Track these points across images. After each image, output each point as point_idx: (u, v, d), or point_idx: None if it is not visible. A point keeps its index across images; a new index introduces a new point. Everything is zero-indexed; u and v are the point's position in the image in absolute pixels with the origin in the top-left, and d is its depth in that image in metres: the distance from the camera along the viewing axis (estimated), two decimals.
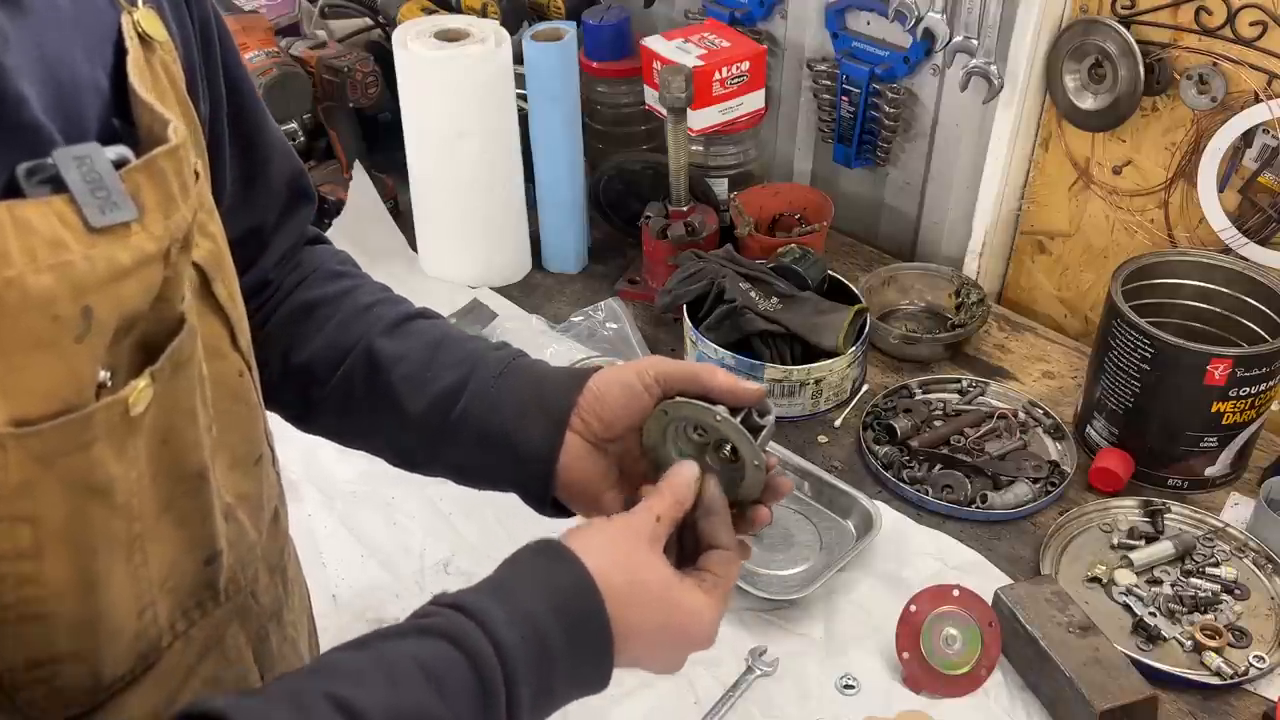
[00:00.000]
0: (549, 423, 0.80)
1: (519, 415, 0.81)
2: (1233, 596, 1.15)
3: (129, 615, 0.55)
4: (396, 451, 0.85)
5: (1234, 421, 1.22)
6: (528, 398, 0.81)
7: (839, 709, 1.06)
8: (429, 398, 0.81)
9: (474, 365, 0.82)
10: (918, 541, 1.22)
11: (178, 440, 0.56)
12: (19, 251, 0.44)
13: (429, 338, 0.84)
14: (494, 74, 1.49)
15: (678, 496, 0.73)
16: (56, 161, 0.47)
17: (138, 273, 0.49)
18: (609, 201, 1.68)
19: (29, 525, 0.48)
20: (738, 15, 1.71)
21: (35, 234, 0.45)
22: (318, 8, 1.91)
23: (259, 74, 1.49)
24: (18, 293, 0.44)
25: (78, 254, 0.46)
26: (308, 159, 1.78)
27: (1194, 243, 1.40)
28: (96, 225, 0.47)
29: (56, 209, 0.46)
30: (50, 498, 0.48)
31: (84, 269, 0.46)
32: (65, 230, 0.46)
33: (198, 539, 0.60)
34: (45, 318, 0.46)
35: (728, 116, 1.57)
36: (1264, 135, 1.29)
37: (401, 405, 0.81)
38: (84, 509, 0.50)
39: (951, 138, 1.58)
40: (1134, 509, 1.25)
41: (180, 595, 0.59)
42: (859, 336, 1.39)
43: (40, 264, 0.45)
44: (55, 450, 0.47)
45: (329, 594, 1.16)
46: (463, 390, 0.81)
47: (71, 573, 0.51)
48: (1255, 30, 1.26)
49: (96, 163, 0.48)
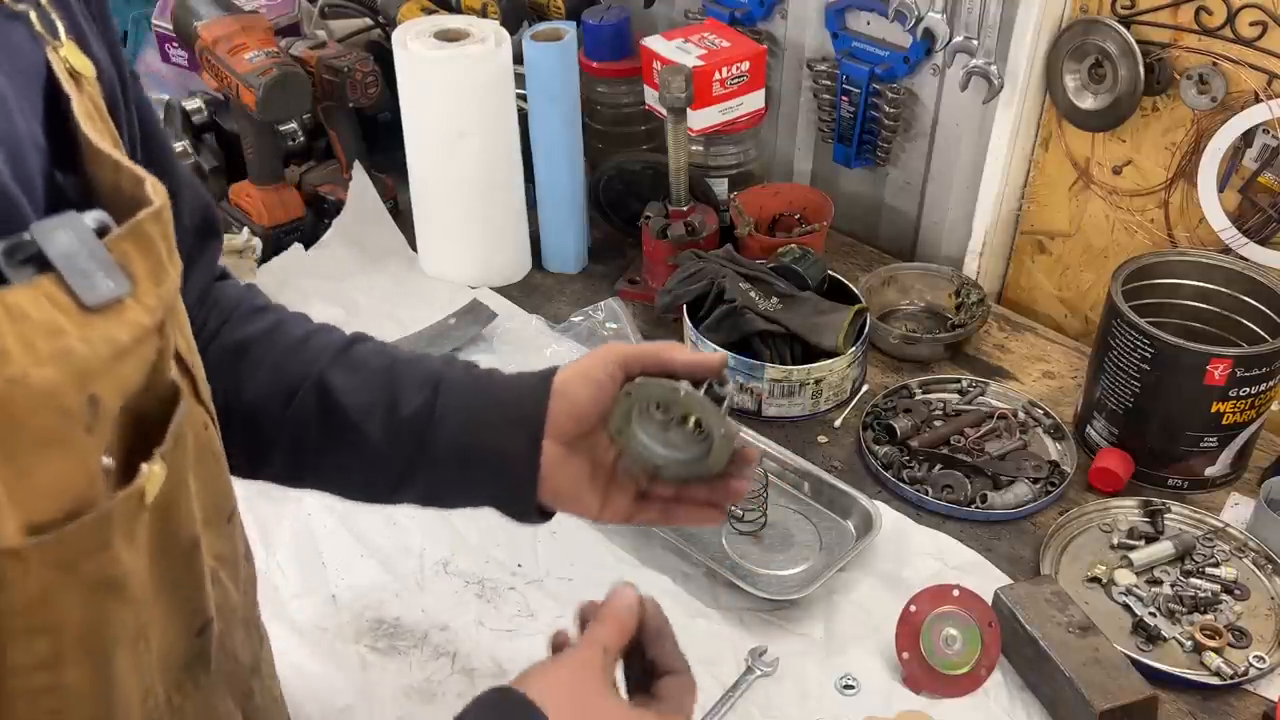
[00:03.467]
0: (526, 435, 0.79)
1: (495, 431, 0.80)
2: (1233, 596, 1.15)
3: (136, 705, 0.53)
4: (357, 485, 0.83)
5: (1234, 421, 1.22)
6: (499, 412, 0.81)
7: (839, 709, 1.06)
8: (394, 424, 0.79)
9: (436, 385, 0.81)
10: (918, 541, 1.22)
11: (175, 515, 0.53)
12: (17, 345, 0.40)
13: (380, 363, 0.82)
14: (494, 74, 1.49)
15: (621, 624, 0.73)
16: (36, 237, 0.42)
17: (136, 350, 0.46)
18: (609, 201, 1.68)
19: (48, 635, 0.45)
20: (738, 15, 1.71)
21: (30, 322, 0.41)
22: (318, 8, 1.91)
23: (259, 74, 1.49)
24: (22, 390, 0.41)
25: (76, 338, 0.42)
26: (308, 159, 1.78)
27: (1194, 243, 1.40)
28: (91, 304, 0.43)
29: (46, 291, 0.42)
30: (70, 602, 0.45)
31: (85, 354, 0.43)
32: (59, 314, 0.42)
33: (190, 611, 0.57)
34: (53, 413, 0.42)
35: (728, 116, 1.57)
36: (1264, 135, 1.29)
37: (363, 435, 0.79)
38: (101, 607, 0.47)
39: (951, 138, 1.58)
40: (1134, 509, 1.25)
41: (174, 671, 0.57)
42: (859, 336, 1.39)
43: (41, 355, 0.41)
44: (76, 553, 0.44)
45: (329, 594, 1.16)
46: (431, 412, 0.80)
47: (89, 675, 0.48)
48: (1255, 30, 1.26)
49: (80, 235, 0.43)
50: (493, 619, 1.14)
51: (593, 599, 0.75)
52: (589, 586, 1.17)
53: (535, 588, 1.17)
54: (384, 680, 1.08)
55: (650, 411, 0.81)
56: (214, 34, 1.53)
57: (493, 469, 0.80)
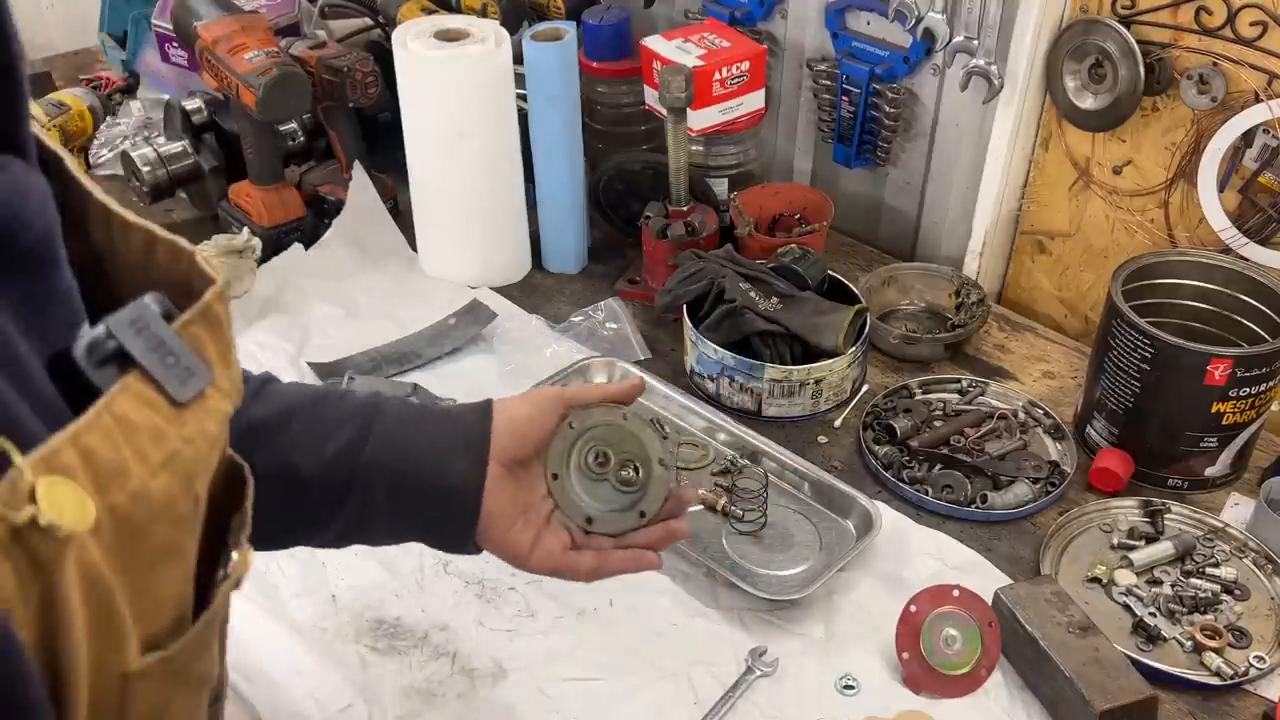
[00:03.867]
0: (471, 455, 0.78)
1: (436, 453, 0.78)
2: (1233, 597, 1.15)
3: None
4: (280, 525, 0.77)
5: (1234, 421, 1.22)
6: (441, 434, 0.79)
7: (839, 709, 1.06)
8: (326, 456, 0.76)
9: (370, 415, 0.79)
10: (917, 541, 1.22)
11: None
12: (133, 457, 0.37)
13: (302, 396, 0.80)
14: (494, 74, 1.49)
15: None
16: (115, 333, 0.39)
17: (220, 439, 0.43)
18: (609, 201, 1.68)
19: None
20: (738, 15, 1.71)
21: (136, 430, 0.38)
22: (318, 8, 1.91)
23: (259, 74, 1.49)
24: (144, 505, 0.38)
25: (178, 440, 0.39)
26: (308, 159, 1.78)
27: (1194, 243, 1.40)
28: (181, 400, 0.40)
29: (138, 392, 0.39)
30: (180, 708, 0.43)
31: (190, 455, 0.40)
32: (156, 415, 0.39)
33: (213, 679, 0.55)
34: (170, 523, 0.40)
35: (728, 116, 1.57)
36: (1264, 135, 1.29)
37: (292, 471, 0.75)
38: (198, 703, 0.45)
39: (951, 138, 1.58)
40: (1134, 509, 1.25)
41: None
42: (859, 336, 1.39)
43: (153, 465, 0.38)
44: (189, 661, 0.42)
45: (329, 594, 1.16)
46: (365, 440, 0.77)
47: None
48: (1255, 30, 1.26)
49: (153, 325, 0.40)
50: (493, 619, 1.14)
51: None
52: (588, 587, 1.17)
53: (535, 588, 1.17)
54: (384, 680, 1.08)
55: (586, 465, 0.85)
56: (214, 34, 1.53)
57: (432, 490, 0.78)
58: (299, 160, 1.77)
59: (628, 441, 0.86)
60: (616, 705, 1.06)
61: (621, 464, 0.85)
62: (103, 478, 0.36)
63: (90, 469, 0.36)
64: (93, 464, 0.36)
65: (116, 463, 0.37)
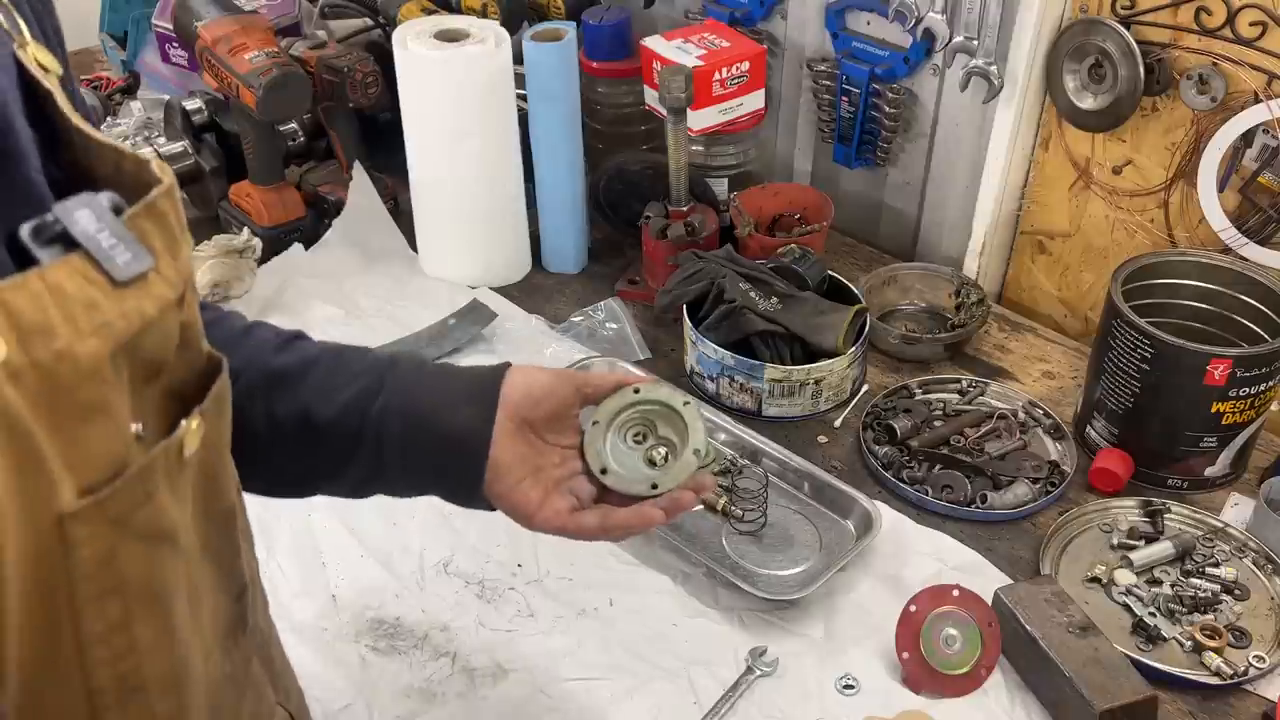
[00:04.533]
0: (481, 404, 0.82)
1: (448, 402, 0.82)
2: (1233, 596, 1.15)
3: (200, 664, 0.55)
4: (300, 471, 0.83)
5: (1234, 421, 1.22)
6: (453, 385, 0.84)
7: (839, 709, 1.06)
8: (340, 404, 0.80)
9: (386, 368, 0.83)
10: (917, 541, 1.22)
11: (215, 479, 0.56)
12: (61, 320, 0.42)
13: (326, 350, 0.84)
14: (494, 74, 1.49)
15: None
16: (60, 217, 0.44)
17: (160, 322, 0.48)
18: (609, 201, 1.68)
19: (118, 595, 0.47)
20: (738, 15, 1.71)
21: (70, 298, 0.43)
22: (318, 8, 1.91)
23: (259, 74, 1.49)
24: (69, 364, 0.43)
25: (112, 312, 0.44)
26: (308, 159, 1.78)
27: (1194, 243, 1.40)
28: (120, 279, 0.45)
29: (79, 268, 0.44)
30: (131, 557, 0.48)
31: (121, 327, 0.45)
32: (94, 289, 0.44)
33: (229, 575, 0.60)
34: (95, 383, 0.44)
35: (728, 116, 1.57)
36: (1264, 135, 1.29)
37: (309, 418, 0.80)
38: (157, 558, 0.50)
39: (951, 138, 1.58)
40: (1134, 509, 1.25)
41: (221, 636, 0.59)
42: (859, 336, 1.39)
43: (82, 329, 0.43)
44: (127, 507, 0.47)
45: (329, 594, 1.16)
46: (379, 390, 0.81)
47: (158, 629, 0.50)
48: (1255, 30, 1.26)
49: (99, 214, 0.45)
50: (493, 619, 1.14)
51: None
52: (589, 586, 1.17)
53: (535, 588, 1.17)
54: (384, 680, 1.08)
55: (625, 434, 0.88)
56: (214, 34, 1.53)
57: (442, 436, 0.81)
58: (299, 160, 1.77)
59: (674, 427, 0.88)
60: (616, 705, 1.06)
61: (656, 445, 0.88)
62: (24, 332, 0.41)
63: (10, 322, 0.41)
64: (15, 318, 0.41)
65: (41, 322, 0.42)
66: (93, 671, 0.47)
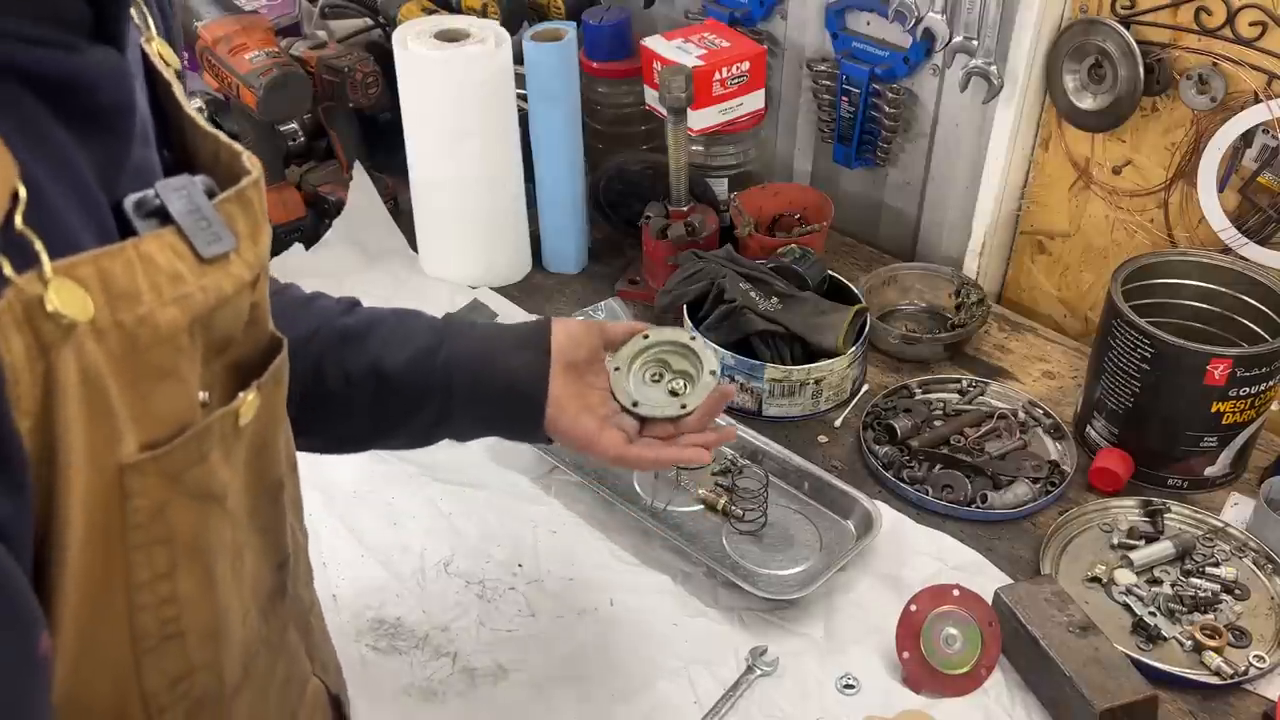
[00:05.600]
0: (534, 350, 0.92)
1: (504, 350, 0.92)
2: (1233, 596, 1.15)
3: (237, 622, 0.58)
4: (375, 420, 0.91)
5: (1234, 421, 1.22)
6: (505, 336, 0.95)
7: (839, 709, 1.06)
8: (408, 354, 0.89)
9: (444, 325, 0.94)
10: (917, 541, 1.22)
11: (267, 450, 0.59)
12: (147, 287, 0.46)
13: (386, 312, 0.94)
14: (494, 74, 1.49)
15: None
16: (161, 195, 0.48)
17: (234, 300, 0.51)
18: (609, 201, 1.68)
19: (165, 546, 0.50)
20: (738, 15, 1.71)
21: (158, 269, 0.46)
22: (318, 8, 1.91)
23: (259, 74, 1.49)
24: (149, 329, 0.46)
25: (194, 286, 0.48)
26: (308, 159, 1.78)
27: (1194, 243, 1.40)
28: (206, 256, 0.49)
29: (170, 242, 0.47)
30: (180, 512, 0.50)
31: (200, 300, 0.48)
32: (180, 262, 0.48)
33: (273, 545, 0.63)
34: (170, 349, 0.48)
35: (728, 116, 1.57)
36: (1264, 135, 1.29)
37: (380, 369, 0.88)
38: (205, 516, 0.52)
39: (951, 138, 1.58)
40: (1134, 509, 1.25)
41: (260, 601, 0.62)
42: (859, 336, 1.39)
43: (165, 298, 0.47)
44: (182, 465, 0.49)
45: (329, 594, 1.16)
46: (440, 343, 0.90)
47: (199, 583, 0.53)
48: (1255, 30, 1.26)
49: (194, 195, 0.49)
50: (493, 619, 1.14)
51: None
52: (589, 586, 1.17)
53: (535, 588, 1.17)
54: (384, 680, 1.08)
55: (644, 373, 0.98)
56: (214, 34, 1.53)
57: (503, 380, 0.91)
58: (299, 160, 1.77)
59: (687, 360, 0.99)
60: (616, 705, 1.06)
61: (674, 379, 0.98)
62: (113, 295, 0.44)
63: (104, 285, 0.44)
64: (107, 282, 0.44)
65: (130, 288, 0.45)
66: (136, 616, 0.50)
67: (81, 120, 0.47)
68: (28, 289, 0.41)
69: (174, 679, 0.53)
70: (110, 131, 0.50)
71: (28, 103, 0.45)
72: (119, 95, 0.50)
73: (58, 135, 0.46)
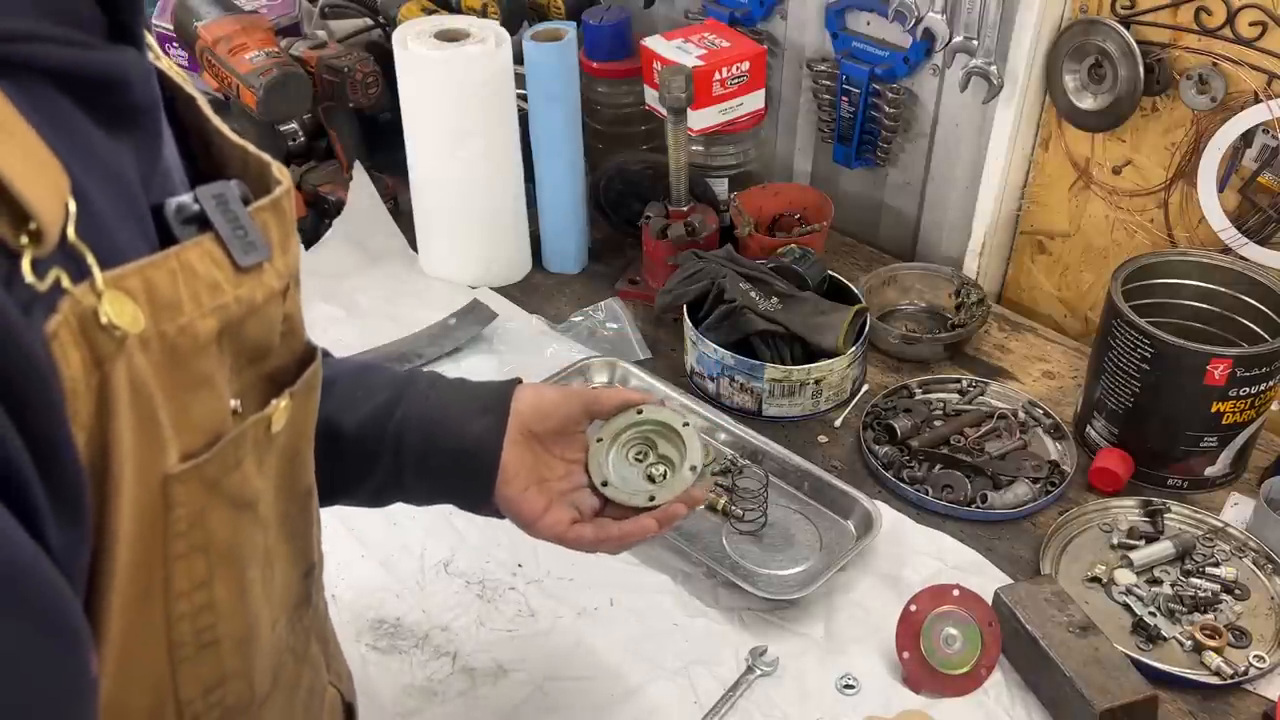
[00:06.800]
0: (492, 416, 0.88)
1: (462, 413, 0.88)
2: (1233, 596, 1.15)
3: (267, 629, 0.57)
4: (325, 480, 0.86)
5: (1234, 421, 1.22)
6: (467, 399, 0.90)
7: (839, 709, 1.06)
8: (363, 414, 0.86)
9: (405, 383, 0.89)
10: (917, 541, 1.22)
11: (298, 458, 0.59)
12: (187, 297, 0.46)
13: (349, 365, 0.90)
14: (494, 74, 1.49)
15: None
16: (201, 201, 0.48)
17: (264, 309, 0.51)
18: (609, 201, 1.68)
19: (203, 554, 0.50)
20: (738, 15, 1.71)
21: (198, 278, 0.46)
22: (318, 8, 1.91)
23: (259, 74, 1.49)
24: (189, 338, 0.46)
25: (230, 296, 0.48)
26: (308, 159, 1.78)
27: (1194, 243, 1.40)
28: (243, 265, 0.48)
29: (208, 250, 0.47)
30: (217, 520, 0.50)
31: (233, 310, 0.48)
32: (218, 271, 0.47)
33: (301, 553, 0.63)
34: (208, 358, 0.47)
35: (728, 116, 1.57)
36: (1264, 135, 1.29)
37: (334, 428, 0.84)
38: (239, 523, 0.52)
39: (951, 138, 1.58)
40: (1134, 509, 1.25)
41: (289, 609, 0.62)
42: (859, 336, 1.39)
43: (204, 308, 0.46)
44: (219, 472, 0.49)
45: (329, 594, 1.16)
46: (399, 401, 0.87)
47: (233, 590, 0.53)
48: (1255, 30, 1.26)
49: (233, 202, 0.49)
50: (493, 619, 1.14)
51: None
52: (589, 586, 1.17)
53: (535, 588, 1.17)
54: (384, 680, 1.08)
55: (628, 451, 0.93)
56: (214, 34, 1.53)
57: (456, 444, 0.87)
58: (299, 160, 1.77)
59: (674, 446, 0.94)
60: (616, 705, 1.06)
61: (655, 463, 0.94)
62: (157, 306, 0.44)
63: (149, 295, 0.44)
64: (152, 292, 0.44)
65: (172, 299, 0.45)
66: (175, 625, 0.50)
67: (117, 120, 0.47)
68: (84, 301, 0.41)
69: (208, 687, 0.53)
70: (144, 130, 0.49)
71: (64, 105, 0.44)
72: (149, 92, 0.50)
73: (97, 137, 0.46)
